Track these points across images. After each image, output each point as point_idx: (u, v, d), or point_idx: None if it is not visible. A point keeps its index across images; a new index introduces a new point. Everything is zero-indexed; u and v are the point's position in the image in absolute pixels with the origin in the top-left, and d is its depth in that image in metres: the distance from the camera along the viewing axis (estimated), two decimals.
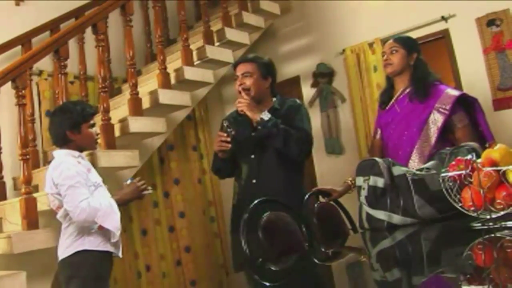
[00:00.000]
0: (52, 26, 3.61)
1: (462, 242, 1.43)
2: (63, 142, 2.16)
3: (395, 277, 1.25)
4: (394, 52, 2.30)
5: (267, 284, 1.48)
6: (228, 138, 2.28)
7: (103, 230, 2.06)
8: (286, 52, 4.25)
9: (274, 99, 2.45)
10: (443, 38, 3.36)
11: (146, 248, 3.78)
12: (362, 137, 3.64)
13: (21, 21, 3.54)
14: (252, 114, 2.28)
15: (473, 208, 1.46)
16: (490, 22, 3.14)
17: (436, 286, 1.09)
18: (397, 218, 1.78)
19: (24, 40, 3.46)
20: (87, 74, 3.54)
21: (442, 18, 3.33)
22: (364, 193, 1.86)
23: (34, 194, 2.51)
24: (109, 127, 2.83)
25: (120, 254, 2.18)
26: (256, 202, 1.87)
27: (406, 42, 2.33)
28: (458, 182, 1.51)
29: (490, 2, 3.10)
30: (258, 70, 2.40)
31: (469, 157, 1.53)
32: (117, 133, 2.92)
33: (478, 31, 3.18)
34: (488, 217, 1.44)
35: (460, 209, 1.52)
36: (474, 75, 3.19)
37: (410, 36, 2.52)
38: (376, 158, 1.91)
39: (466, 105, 2.23)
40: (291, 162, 2.33)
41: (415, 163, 2.14)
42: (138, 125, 2.97)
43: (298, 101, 2.49)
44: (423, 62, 2.31)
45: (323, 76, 3.93)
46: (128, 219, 3.69)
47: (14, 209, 2.59)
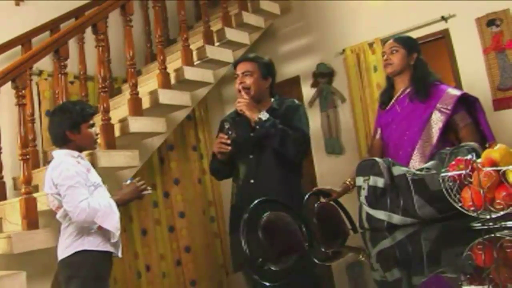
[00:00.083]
0: (52, 26, 3.61)
1: (462, 242, 1.43)
2: (63, 142, 2.15)
3: (395, 277, 1.25)
4: (394, 52, 2.30)
5: (267, 284, 1.48)
6: (228, 141, 2.27)
7: (103, 230, 2.06)
8: (286, 52, 4.25)
9: (272, 99, 2.45)
10: (443, 38, 3.36)
11: (146, 248, 3.78)
12: (362, 137, 3.64)
13: (21, 21, 3.54)
14: (250, 113, 2.28)
15: (473, 208, 1.46)
16: (490, 22, 3.14)
17: (436, 286, 1.08)
18: (397, 218, 1.78)
19: (24, 40, 3.46)
20: (87, 74, 3.55)
21: (442, 18, 3.33)
22: (364, 193, 1.86)
23: (34, 194, 2.51)
24: (109, 127, 2.83)
25: (119, 254, 2.18)
26: (256, 202, 1.87)
27: (406, 42, 2.33)
28: (458, 182, 1.51)
29: (490, 2, 3.10)
30: (258, 69, 2.39)
31: (469, 157, 1.53)
32: (117, 133, 2.92)
33: (478, 31, 3.18)
34: (488, 217, 1.44)
35: (460, 209, 1.52)
36: (474, 75, 3.18)
37: (410, 36, 2.52)
38: (376, 158, 1.91)
39: (467, 104, 2.23)
40: (289, 162, 2.32)
41: (417, 163, 2.14)
42: (138, 125, 2.97)
43: (296, 101, 2.48)
44: (424, 62, 2.31)
45: (323, 76, 3.93)
46: (128, 219, 3.69)
47: (14, 209, 2.59)
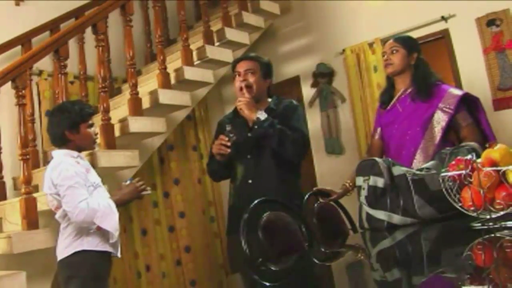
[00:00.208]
0: (52, 26, 3.62)
1: (462, 242, 1.43)
2: (62, 142, 2.15)
3: (395, 277, 1.25)
4: (394, 52, 2.30)
5: (267, 284, 1.48)
6: (228, 143, 2.26)
7: (102, 230, 2.05)
8: (286, 52, 4.25)
9: (270, 100, 2.44)
10: (443, 38, 3.36)
11: (146, 248, 3.78)
12: (362, 137, 3.64)
13: (21, 21, 3.54)
14: (249, 113, 2.27)
15: (473, 208, 1.46)
16: (490, 22, 3.14)
17: (436, 286, 1.08)
18: (397, 218, 1.78)
19: (24, 40, 3.47)
20: (87, 74, 3.55)
21: (442, 18, 3.33)
22: (364, 193, 1.85)
23: (34, 194, 2.51)
24: (109, 127, 2.83)
25: (118, 254, 2.18)
26: (255, 202, 1.87)
27: (406, 42, 2.33)
28: (458, 182, 1.51)
29: (490, 2, 3.10)
30: (260, 69, 2.39)
31: (469, 157, 1.53)
32: (117, 133, 2.92)
33: (478, 31, 3.18)
34: (488, 217, 1.44)
35: (460, 209, 1.52)
36: (474, 75, 3.18)
37: (410, 36, 2.52)
38: (376, 158, 1.91)
39: (468, 104, 2.23)
40: (287, 163, 2.32)
41: (420, 163, 2.13)
42: (138, 125, 2.97)
43: (294, 102, 2.47)
44: (425, 62, 2.31)
45: (323, 76, 3.93)
46: (128, 219, 3.69)
47: (14, 209, 2.59)
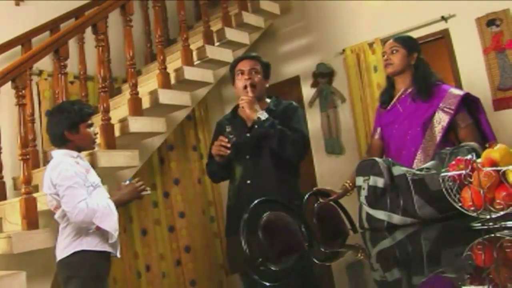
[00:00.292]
0: (52, 26, 3.62)
1: (462, 242, 1.43)
2: (61, 142, 2.15)
3: (395, 277, 1.25)
4: (394, 52, 2.30)
5: (267, 284, 1.48)
6: (228, 144, 2.26)
7: (101, 230, 2.05)
8: (286, 52, 4.25)
9: (268, 100, 2.45)
10: (443, 38, 3.36)
11: (146, 248, 3.78)
12: (362, 137, 3.64)
13: (21, 21, 3.54)
14: (251, 112, 2.27)
15: (473, 208, 1.46)
16: (490, 22, 3.14)
17: (436, 286, 1.08)
18: (397, 218, 1.78)
19: (24, 40, 3.47)
20: (87, 74, 3.55)
21: (442, 18, 3.33)
22: (364, 193, 1.85)
23: (34, 194, 2.51)
24: (109, 127, 2.83)
25: (118, 254, 2.17)
26: (255, 202, 1.87)
27: (406, 42, 2.33)
28: (458, 182, 1.51)
29: (490, 2, 3.10)
30: (262, 70, 2.42)
31: (469, 157, 1.53)
32: (117, 133, 2.92)
33: (478, 31, 3.18)
34: (488, 217, 1.44)
35: (460, 209, 1.52)
36: (474, 75, 3.18)
37: (410, 35, 2.52)
38: (376, 158, 1.91)
39: (468, 104, 2.23)
40: (286, 163, 2.32)
41: (421, 163, 2.13)
42: (138, 125, 2.97)
43: (294, 103, 2.48)
44: (425, 62, 2.31)
45: (323, 76, 3.93)
46: (128, 219, 3.69)
47: (14, 209, 2.59)
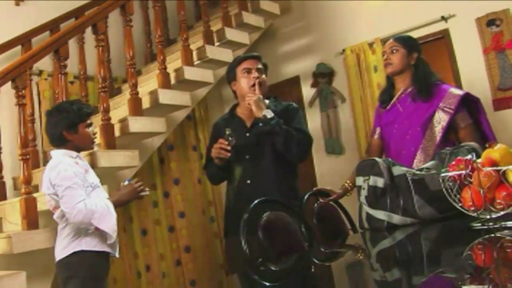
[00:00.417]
0: (52, 26, 3.62)
1: (462, 242, 1.43)
2: (60, 142, 2.14)
3: (395, 277, 1.25)
4: (394, 51, 2.30)
5: (267, 284, 1.48)
6: (228, 147, 2.25)
7: (100, 230, 2.04)
8: (286, 52, 4.25)
9: (268, 101, 2.45)
10: (443, 38, 3.36)
11: (146, 248, 3.78)
12: (362, 137, 3.64)
13: (21, 21, 3.54)
14: (257, 110, 2.27)
15: (473, 208, 1.46)
16: (490, 22, 3.14)
17: (436, 286, 1.08)
18: (397, 218, 1.78)
19: (24, 40, 3.47)
20: (87, 74, 3.55)
21: (442, 18, 3.33)
22: (364, 193, 1.85)
23: (34, 194, 2.51)
24: (109, 127, 2.83)
25: (117, 254, 2.17)
26: (256, 202, 1.87)
27: (406, 42, 2.33)
28: (458, 182, 1.51)
29: (490, 2, 3.10)
30: (265, 70, 2.45)
31: (469, 157, 1.53)
32: (117, 133, 2.92)
33: (478, 31, 3.18)
34: (488, 217, 1.44)
35: (460, 209, 1.52)
36: (474, 75, 3.19)
37: (410, 35, 2.52)
38: (376, 158, 1.91)
39: (468, 104, 2.23)
40: (286, 162, 2.32)
41: (421, 163, 2.14)
42: (138, 125, 2.97)
43: (294, 103, 2.48)
44: (425, 62, 2.31)
45: (323, 76, 3.93)
46: (128, 219, 3.69)
47: (14, 209, 2.59)
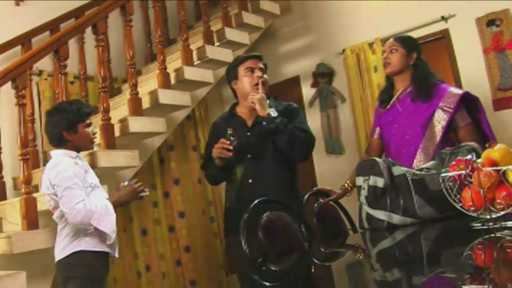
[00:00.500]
0: (52, 26, 3.62)
1: (462, 242, 1.43)
2: (60, 142, 2.14)
3: (395, 277, 1.25)
4: (393, 51, 2.30)
5: (267, 284, 1.48)
6: (230, 147, 2.24)
7: (99, 230, 2.04)
8: (286, 52, 4.25)
9: (268, 101, 2.45)
10: (443, 38, 3.36)
11: (146, 248, 3.78)
12: (362, 137, 3.64)
13: (21, 21, 3.54)
14: (261, 108, 2.26)
15: (473, 208, 1.46)
16: (490, 22, 3.14)
17: (436, 286, 1.08)
18: (397, 218, 1.78)
19: (24, 40, 3.47)
20: (87, 74, 3.55)
21: (442, 18, 3.33)
22: (364, 193, 1.85)
23: (34, 194, 2.51)
24: (109, 127, 2.83)
25: (116, 254, 2.17)
26: (256, 202, 1.87)
27: (406, 42, 2.33)
28: (458, 182, 1.51)
29: (490, 2, 3.10)
30: (266, 70, 2.46)
31: (469, 157, 1.53)
32: (117, 133, 2.92)
33: (478, 31, 3.18)
34: (488, 217, 1.44)
35: (460, 209, 1.51)
36: (474, 75, 3.18)
37: (410, 35, 2.52)
38: (376, 158, 1.91)
39: (468, 104, 2.23)
40: (287, 162, 2.33)
41: (421, 162, 2.14)
42: (138, 125, 2.97)
43: (294, 104, 2.49)
44: (424, 62, 2.31)
45: (323, 76, 3.93)
46: (128, 219, 3.68)
47: (14, 209, 2.59)
